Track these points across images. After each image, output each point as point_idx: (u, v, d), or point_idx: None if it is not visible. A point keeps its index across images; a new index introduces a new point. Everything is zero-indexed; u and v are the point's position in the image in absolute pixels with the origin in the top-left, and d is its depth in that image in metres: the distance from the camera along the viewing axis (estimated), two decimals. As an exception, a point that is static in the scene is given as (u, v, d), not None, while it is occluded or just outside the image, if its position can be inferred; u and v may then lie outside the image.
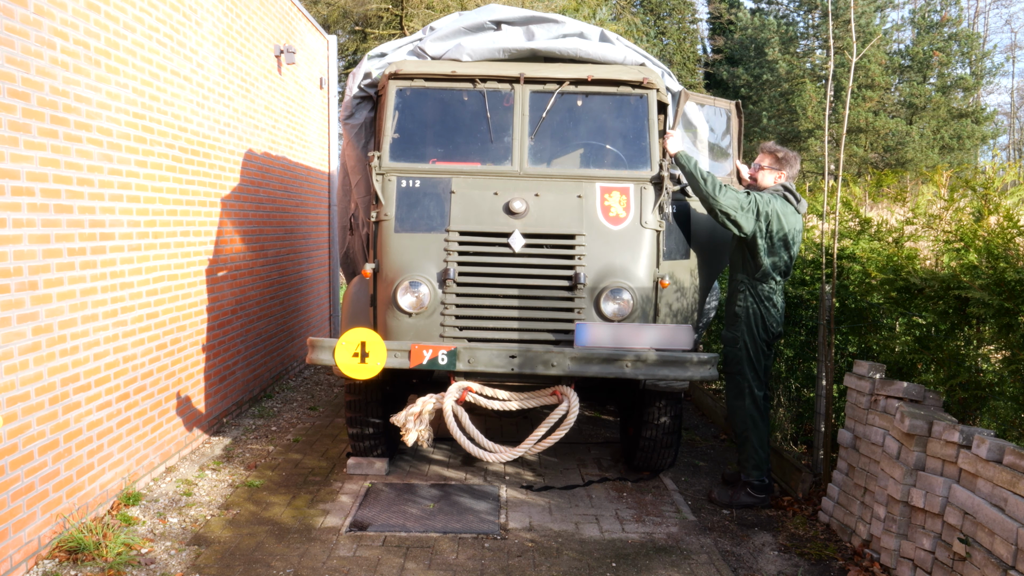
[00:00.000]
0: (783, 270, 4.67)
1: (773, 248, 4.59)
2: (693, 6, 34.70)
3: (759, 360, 4.66)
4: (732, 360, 4.72)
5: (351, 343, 4.14)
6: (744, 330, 4.65)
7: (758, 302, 4.63)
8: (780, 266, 4.64)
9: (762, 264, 4.60)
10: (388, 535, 4.16)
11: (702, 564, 3.92)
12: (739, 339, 4.66)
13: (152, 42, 4.81)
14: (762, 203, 4.54)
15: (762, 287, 4.64)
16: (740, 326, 4.67)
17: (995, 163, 4.71)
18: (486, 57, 4.97)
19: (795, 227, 4.63)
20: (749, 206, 4.51)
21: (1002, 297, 3.67)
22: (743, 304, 4.67)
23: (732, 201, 4.47)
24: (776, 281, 4.65)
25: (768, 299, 4.64)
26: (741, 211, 4.48)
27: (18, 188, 3.50)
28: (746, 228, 4.51)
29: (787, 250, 4.62)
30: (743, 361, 4.65)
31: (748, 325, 4.64)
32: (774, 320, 4.65)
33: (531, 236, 4.42)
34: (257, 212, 6.76)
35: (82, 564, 3.69)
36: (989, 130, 25.86)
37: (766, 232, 4.54)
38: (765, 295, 4.63)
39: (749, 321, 4.64)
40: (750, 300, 4.65)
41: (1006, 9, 50.74)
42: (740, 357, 4.66)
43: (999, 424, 3.91)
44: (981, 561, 3.04)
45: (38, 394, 3.66)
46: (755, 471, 4.67)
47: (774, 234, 4.55)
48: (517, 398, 4.35)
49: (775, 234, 4.55)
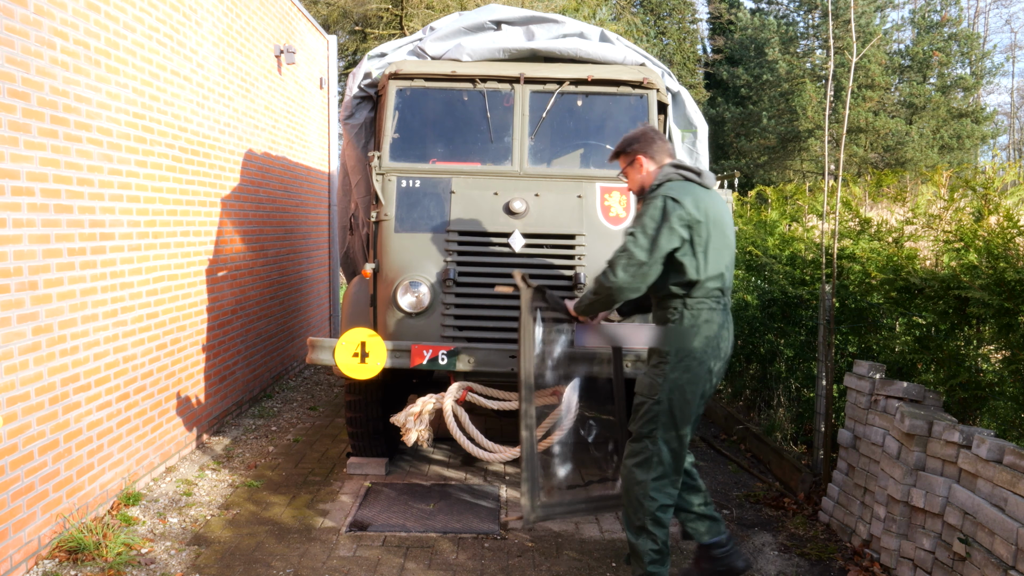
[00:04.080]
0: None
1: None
2: (693, 6, 34.69)
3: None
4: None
5: (351, 343, 4.14)
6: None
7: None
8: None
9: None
10: (388, 535, 4.16)
11: (702, 564, 3.91)
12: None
13: (152, 42, 4.81)
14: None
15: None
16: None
17: (995, 163, 4.71)
18: (486, 57, 4.97)
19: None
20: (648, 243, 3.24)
21: (1002, 297, 3.67)
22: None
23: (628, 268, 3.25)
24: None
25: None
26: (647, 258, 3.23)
27: (18, 188, 3.50)
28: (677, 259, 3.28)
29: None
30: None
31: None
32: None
33: (531, 236, 4.42)
34: (257, 212, 6.76)
35: (82, 564, 3.69)
36: (989, 130, 25.85)
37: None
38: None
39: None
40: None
41: (1006, 9, 50.75)
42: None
43: (999, 424, 3.91)
44: (981, 561, 3.04)
45: (38, 394, 3.66)
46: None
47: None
48: (517, 398, 4.35)
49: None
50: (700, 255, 3.24)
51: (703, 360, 3.27)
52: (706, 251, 3.25)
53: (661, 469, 3.32)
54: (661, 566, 3.37)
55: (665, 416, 3.28)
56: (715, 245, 3.27)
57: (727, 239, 3.35)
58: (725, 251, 3.33)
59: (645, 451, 3.33)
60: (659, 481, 3.32)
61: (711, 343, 3.28)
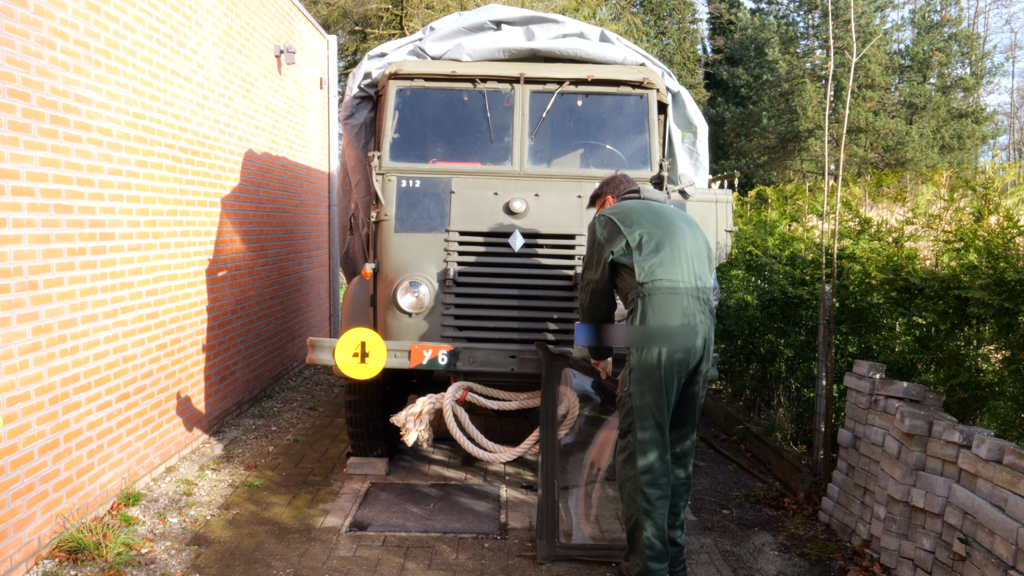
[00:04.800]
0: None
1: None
2: (693, 6, 34.69)
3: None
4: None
5: (351, 343, 4.14)
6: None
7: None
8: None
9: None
10: (388, 535, 4.16)
11: (702, 564, 3.91)
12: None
13: (152, 42, 4.80)
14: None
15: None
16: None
17: (995, 163, 4.71)
18: (486, 57, 4.97)
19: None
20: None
21: (1002, 297, 3.67)
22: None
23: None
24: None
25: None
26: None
27: (18, 188, 3.50)
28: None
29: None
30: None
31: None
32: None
33: (531, 236, 4.42)
34: (257, 212, 6.75)
35: (82, 564, 3.69)
36: (989, 130, 25.84)
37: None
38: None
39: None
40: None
41: (1006, 9, 50.74)
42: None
43: (999, 424, 3.91)
44: (981, 561, 3.04)
45: (38, 394, 3.66)
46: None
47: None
48: (517, 398, 4.35)
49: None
50: (645, 258, 3.43)
51: (661, 351, 3.37)
52: (656, 252, 3.44)
53: (646, 462, 3.39)
54: (659, 562, 3.39)
55: (638, 408, 3.39)
56: (667, 248, 3.46)
57: (682, 240, 3.51)
58: (680, 252, 3.47)
59: (629, 446, 3.44)
60: (647, 475, 3.40)
61: (669, 335, 3.38)
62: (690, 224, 3.64)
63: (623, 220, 3.54)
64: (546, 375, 4.02)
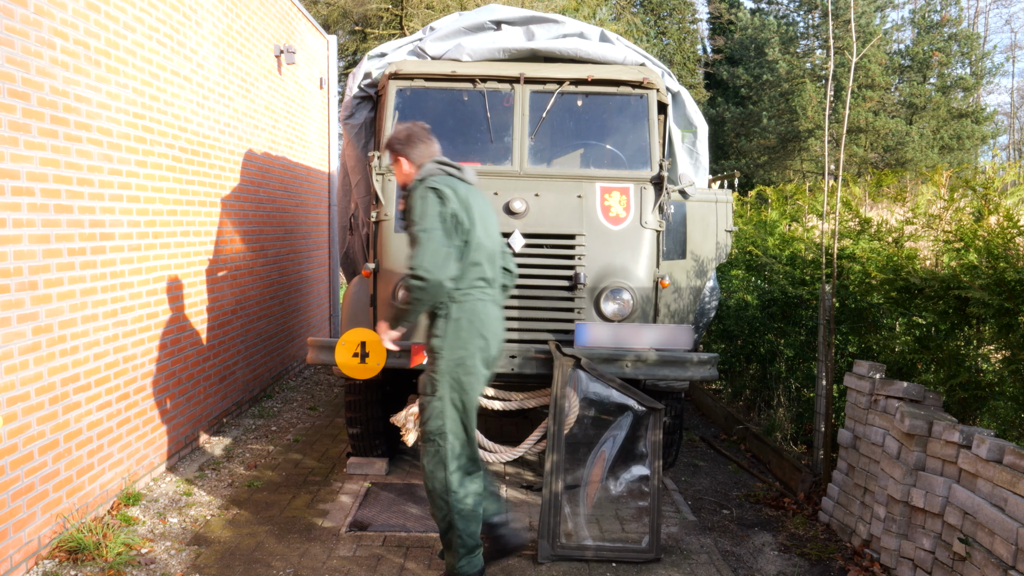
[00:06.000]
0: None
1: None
2: (693, 6, 34.69)
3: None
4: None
5: (351, 343, 4.15)
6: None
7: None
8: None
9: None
10: (388, 535, 4.16)
11: (702, 564, 3.91)
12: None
13: (152, 42, 4.80)
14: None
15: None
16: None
17: (995, 163, 4.71)
18: (486, 57, 4.97)
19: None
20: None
21: (1002, 297, 3.67)
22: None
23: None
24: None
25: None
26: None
27: (18, 188, 3.50)
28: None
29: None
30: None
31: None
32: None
33: (531, 236, 4.42)
34: (257, 212, 6.75)
35: (82, 564, 3.69)
36: (989, 130, 25.84)
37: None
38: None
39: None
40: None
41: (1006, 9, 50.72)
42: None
43: (999, 424, 3.91)
44: (981, 561, 3.04)
45: (38, 394, 3.66)
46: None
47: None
48: (517, 398, 4.35)
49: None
50: (464, 245, 3.33)
51: (474, 350, 3.35)
52: (468, 241, 3.33)
53: (456, 462, 3.39)
54: (473, 556, 3.46)
55: (450, 410, 3.37)
56: (478, 237, 3.35)
57: (489, 231, 3.45)
58: (487, 241, 3.41)
59: (440, 449, 3.39)
60: (457, 474, 3.40)
61: (480, 332, 3.35)
62: (493, 214, 3.59)
63: (456, 199, 3.34)
64: (557, 376, 4.01)
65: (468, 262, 3.34)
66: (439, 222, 3.24)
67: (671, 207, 4.78)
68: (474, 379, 3.38)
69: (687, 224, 4.94)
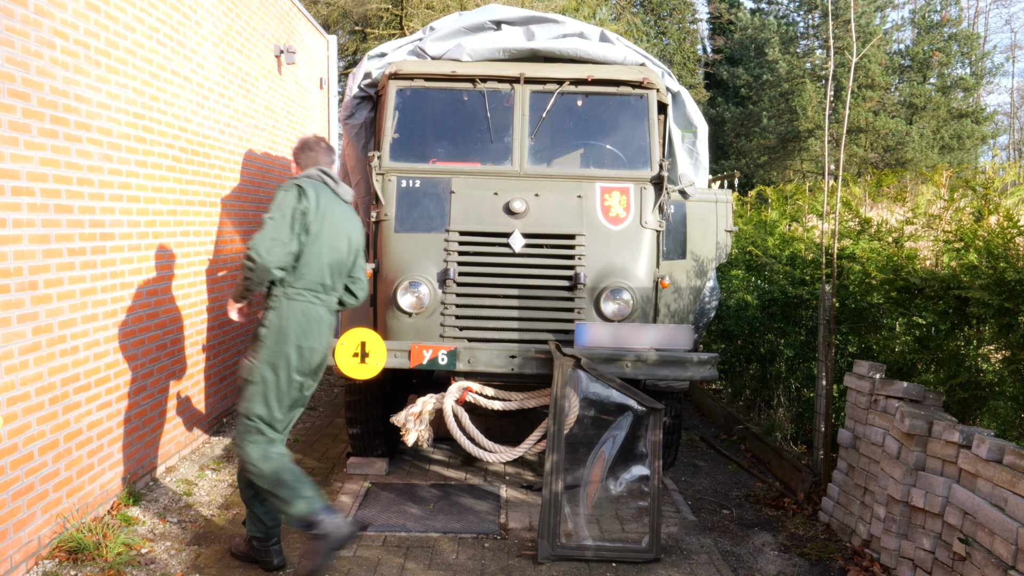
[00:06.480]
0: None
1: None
2: (693, 6, 34.69)
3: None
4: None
5: (351, 343, 4.14)
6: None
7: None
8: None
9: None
10: (388, 535, 4.16)
11: (702, 564, 3.92)
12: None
13: (152, 42, 4.80)
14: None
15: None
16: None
17: (995, 163, 4.72)
18: (486, 57, 4.97)
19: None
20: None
21: (1002, 297, 3.67)
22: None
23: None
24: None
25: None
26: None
27: (18, 188, 3.49)
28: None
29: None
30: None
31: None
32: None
33: (531, 236, 4.42)
34: (257, 212, 6.75)
35: (82, 564, 3.69)
36: (989, 130, 25.85)
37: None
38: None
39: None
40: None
41: (1006, 9, 50.75)
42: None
43: (999, 424, 3.91)
44: (981, 561, 3.04)
45: (38, 394, 3.66)
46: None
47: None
48: (517, 398, 4.35)
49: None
50: (309, 246, 3.54)
51: (293, 346, 3.55)
52: (309, 243, 3.53)
53: (262, 444, 3.58)
54: (272, 529, 3.70)
55: (260, 394, 3.56)
56: (324, 243, 3.57)
57: (337, 243, 3.64)
58: (333, 253, 3.62)
59: (248, 428, 3.59)
60: (260, 453, 3.56)
61: (297, 343, 3.55)
62: (355, 233, 3.82)
63: (315, 202, 3.59)
64: (557, 376, 4.01)
65: (306, 263, 3.54)
66: (287, 215, 3.49)
67: (671, 207, 4.78)
68: (284, 379, 3.57)
69: (687, 224, 4.94)
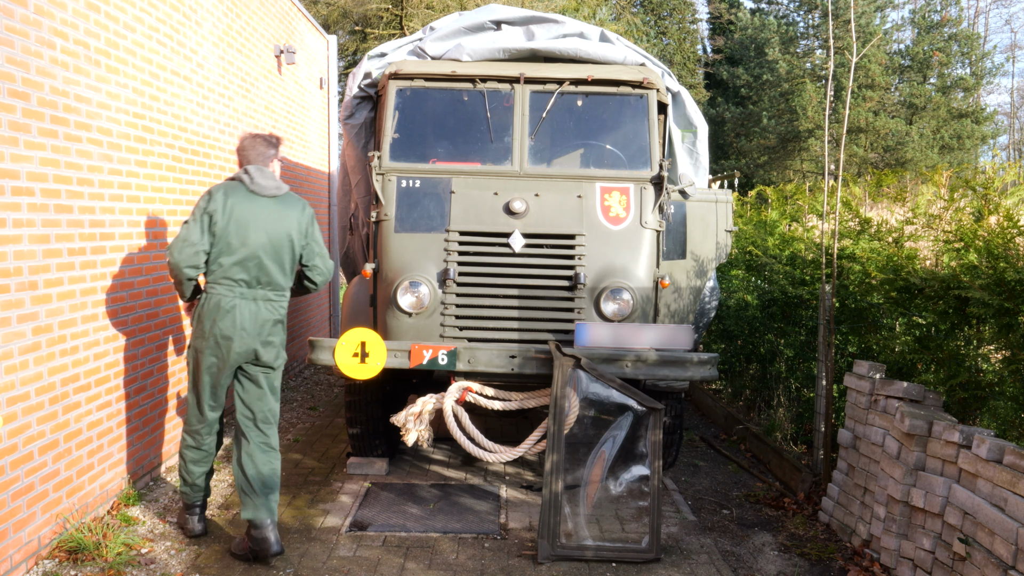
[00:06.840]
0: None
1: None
2: (693, 6, 34.69)
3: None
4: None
5: (351, 343, 4.14)
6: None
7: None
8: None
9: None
10: (388, 535, 4.16)
11: (702, 564, 3.92)
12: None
13: (152, 42, 4.80)
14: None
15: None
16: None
17: (995, 163, 4.72)
18: (486, 57, 4.97)
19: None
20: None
21: (1002, 297, 3.67)
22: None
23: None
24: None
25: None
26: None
27: (18, 188, 3.49)
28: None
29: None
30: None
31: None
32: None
33: (531, 236, 4.42)
34: (257, 212, 6.75)
35: (82, 564, 3.69)
36: (989, 130, 25.85)
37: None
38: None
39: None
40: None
41: (1006, 9, 50.76)
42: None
43: (999, 424, 3.91)
44: (981, 561, 3.04)
45: (38, 394, 3.66)
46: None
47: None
48: (517, 398, 4.35)
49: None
50: (218, 243, 3.77)
51: (209, 334, 3.79)
52: (222, 240, 3.76)
53: (190, 423, 4.00)
54: (193, 504, 4.07)
55: (191, 376, 3.93)
56: (232, 240, 3.77)
57: (248, 238, 3.79)
58: (246, 248, 3.79)
59: (187, 404, 4.02)
60: (186, 430, 4.01)
61: (212, 332, 3.79)
62: (275, 224, 3.93)
63: (221, 203, 3.82)
64: (557, 376, 4.01)
65: (215, 259, 3.78)
66: (198, 218, 3.78)
67: (671, 207, 4.78)
68: (203, 368, 3.85)
69: (687, 224, 4.94)
